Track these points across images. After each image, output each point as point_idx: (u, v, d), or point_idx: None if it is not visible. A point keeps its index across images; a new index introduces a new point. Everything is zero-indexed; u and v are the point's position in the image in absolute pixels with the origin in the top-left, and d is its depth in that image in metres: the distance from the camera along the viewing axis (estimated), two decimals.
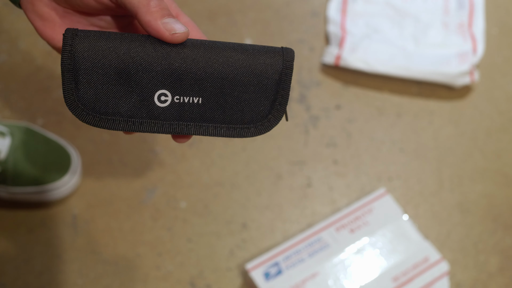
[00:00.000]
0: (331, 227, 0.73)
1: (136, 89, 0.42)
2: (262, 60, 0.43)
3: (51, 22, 0.45)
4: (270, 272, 0.70)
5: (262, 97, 0.43)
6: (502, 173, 0.83)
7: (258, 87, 0.43)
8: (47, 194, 0.73)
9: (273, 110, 0.44)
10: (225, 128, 0.44)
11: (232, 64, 0.42)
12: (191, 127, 0.43)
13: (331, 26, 0.94)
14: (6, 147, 0.72)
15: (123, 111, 0.42)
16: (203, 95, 0.43)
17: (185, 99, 0.43)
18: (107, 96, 0.42)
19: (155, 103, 0.42)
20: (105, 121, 0.42)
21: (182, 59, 0.42)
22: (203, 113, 0.43)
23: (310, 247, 0.72)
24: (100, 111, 0.42)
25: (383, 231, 0.74)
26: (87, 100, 0.42)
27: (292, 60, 0.43)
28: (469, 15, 0.96)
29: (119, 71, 0.41)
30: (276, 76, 0.43)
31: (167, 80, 0.42)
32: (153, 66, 0.42)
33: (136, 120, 0.43)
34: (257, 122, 0.44)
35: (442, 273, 0.71)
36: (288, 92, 0.44)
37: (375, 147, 0.84)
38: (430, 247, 0.73)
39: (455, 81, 0.88)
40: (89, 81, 0.42)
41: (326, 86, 0.89)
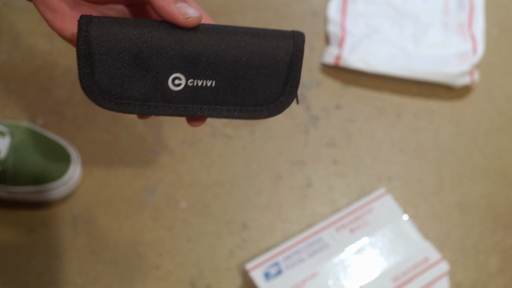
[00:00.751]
0: (331, 227, 0.73)
1: (150, 73, 0.43)
2: (274, 43, 0.44)
3: (62, 13, 0.46)
4: (270, 272, 0.70)
5: (274, 80, 0.44)
6: (502, 173, 0.83)
7: (270, 69, 0.44)
8: (47, 193, 0.73)
9: (285, 92, 0.45)
10: (238, 110, 0.45)
11: (244, 47, 0.43)
12: (205, 110, 0.44)
13: (331, 26, 0.94)
14: (6, 147, 0.72)
15: (138, 95, 0.43)
16: (216, 78, 0.43)
17: (199, 83, 0.43)
18: (122, 81, 0.43)
19: (169, 86, 0.43)
20: (121, 105, 0.43)
21: (195, 43, 0.43)
22: (216, 96, 0.44)
23: (310, 247, 0.72)
24: (116, 95, 0.43)
25: (383, 231, 0.74)
26: (102, 85, 0.43)
27: (303, 43, 0.44)
28: (469, 15, 0.96)
29: (133, 55, 0.42)
30: (288, 59, 0.44)
31: (180, 64, 0.43)
32: (167, 50, 0.42)
33: (151, 103, 0.43)
34: (269, 104, 0.45)
35: (442, 273, 0.71)
36: (299, 75, 0.44)
37: (375, 147, 0.84)
38: (430, 247, 0.73)
39: (455, 81, 0.88)
40: (104, 66, 0.42)
41: (326, 86, 0.89)
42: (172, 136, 0.83)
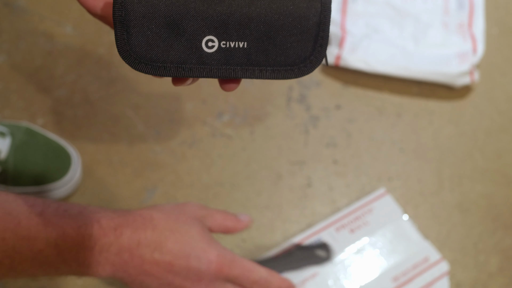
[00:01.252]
0: (331, 227, 0.74)
1: (184, 36, 0.44)
2: (302, 4, 0.45)
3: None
4: None
5: (304, 40, 0.45)
6: (502, 173, 0.84)
7: (299, 30, 0.45)
8: (47, 194, 0.73)
9: (314, 51, 0.46)
10: (270, 70, 0.46)
11: (274, 8, 0.45)
12: (238, 70, 0.45)
13: (331, 26, 0.94)
14: (6, 147, 0.72)
15: (173, 58, 0.45)
16: (248, 39, 0.45)
17: (231, 44, 0.45)
18: (157, 44, 0.44)
19: (203, 49, 0.45)
20: (157, 68, 0.45)
21: (226, 5, 0.44)
22: (248, 57, 0.45)
23: None
24: (152, 59, 0.45)
25: (383, 231, 0.74)
26: (139, 49, 0.44)
27: (330, 3, 0.46)
28: (469, 15, 0.96)
29: (168, 19, 0.44)
30: (316, 19, 0.45)
31: (213, 26, 0.44)
32: (200, 13, 0.44)
33: (186, 66, 0.45)
34: (300, 64, 0.46)
35: (442, 273, 0.71)
36: (328, 34, 0.46)
37: (375, 147, 0.84)
38: (430, 247, 0.73)
39: (455, 81, 0.88)
40: (140, 31, 0.44)
41: (326, 86, 0.89)
42: (172, 136, 0.83)
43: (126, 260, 0.53)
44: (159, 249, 0.54)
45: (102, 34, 0.90)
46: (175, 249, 0.55)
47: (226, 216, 0.63)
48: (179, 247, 0.55)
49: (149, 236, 0.55)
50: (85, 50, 0.89)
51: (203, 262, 0.55)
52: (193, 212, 0.61)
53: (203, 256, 0.56)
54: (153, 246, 0.54)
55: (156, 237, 0.55)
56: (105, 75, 0.87)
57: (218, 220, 0.62)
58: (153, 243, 0.54)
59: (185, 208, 0.61)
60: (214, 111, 0.85)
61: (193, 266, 0.55)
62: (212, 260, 0.56)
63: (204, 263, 0.55)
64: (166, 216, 0.57)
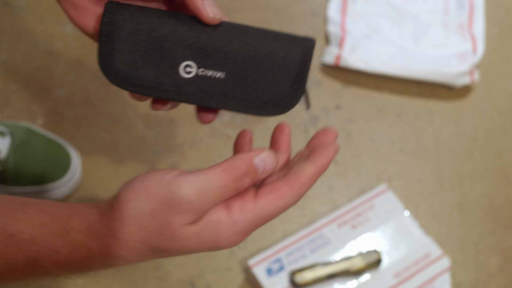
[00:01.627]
0: (333, 223, 0.74)
1: (165, 58, 0.45)
2: (285, 45, 0.46)
3: (85, 10, 0.47)
4: (273, 268, 0.70)
5: (282, 80, 0.46)
6: (502, 173, 0.83)
7: (278, 70, 0.46)
8: (47, 193, 0.73)
9: (291, 93, 0.47)
10: (244, 105, 0.47)
11: (256, 45, 0.46)
12: (212, 100, 0.46)
13: (331, 26, 0.94)
14: (6, 147, 0.72)
15: (150, 78, 0.45)
16: (226, 70, 0.46)
17: (209, 73, 0.46)
18: (138, 62, 0.45)
19: (180, 73, 0.46)
20: (133, 85, 0.45)
21: (211, 36, 0.45)
22: (224, 87, 0.46)
23: (312, 243, 0.72)
24: (130, 75, 0.45)
25: (385, 227, 0.74)
26: (119, 64, 0.45)
27: (313, 48, 0.46)
28: (469, 15, 0.96)
29: (151, 40, 0.45)
30: (296, 62, 0.46)
31: (194, 53, 0.45)
32: (183, 37, 0.45)
33: (161, 87, 0.46)
34: (275, 103, 0.47)
35: (444, 269, 0.71)
36: (306, 78, 0.46)
37: (375, 147, 0.84)
38: (432, 243, 0.73)
39: (455, 81, 0.88)
40: (123, 47, 0.45)
41: (326, 86, 0.89)
42: (172, 136, 0.83)
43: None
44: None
45: None
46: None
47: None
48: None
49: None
50: (85, 50, 0.89)
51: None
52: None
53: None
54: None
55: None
56: None
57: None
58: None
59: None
60: None
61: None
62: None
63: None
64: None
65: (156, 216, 0.41)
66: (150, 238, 0.42)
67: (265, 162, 0.44)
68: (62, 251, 0.42)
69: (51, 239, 0.42)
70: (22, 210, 0.43)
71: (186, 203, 0.41)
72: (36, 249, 0.42)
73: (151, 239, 0.42)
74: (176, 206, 0.41)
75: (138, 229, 0.42)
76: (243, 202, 0.43)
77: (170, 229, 0.41)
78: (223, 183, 0.42)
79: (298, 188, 0.45)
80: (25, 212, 0.43)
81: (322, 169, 0.46)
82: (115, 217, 0.41)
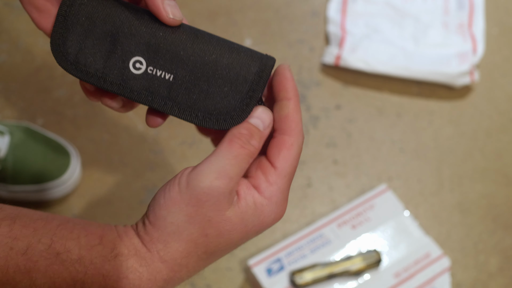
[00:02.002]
0: (332, 223, 0.74)
1: (117, 50, 0.44)
2: (242, 59, 0.45)
3: (47, 13, 0.46)
4: (272, 268, 0.70)
5: (231, 95, 0.45)
6: (502, 173, 0.83)
7: (230, 82, 0.45)
8: (46, 192, 0.73)
9: (237, 109, 0.45)
10: (188, 113, 0.45)
11: (211, 53, 0.44)
12: (157, 101, 0.45)
13: (331, 26, 0.94)
14: (5, 145, 0.72)
15: (98, 67, 0.44)
16: (176, 74, 0.44)
17: (158, 72, 0.44)
18: (88, 49, 0.44)
19: (130, 68, 0.44)
20: (80, 71, 0.44)
21: (166, 37, 0.44)
22: (171, 91, 0.45)
23: (312, 243, 0.72)
24: (78, 60, 0.44)
25: (385, 227, 0.74)
26: (70, 47, 0.44)
27: (271, 67, 0.45)
28: (469, 15, 0.96)
29: (107, 29, 0.44)
30: (251, 77, 0.45)
31: (146, 50, 0.44)
32: (138, 33, 0.44)
33: (108, 78, 0.45)
34: (219, 116, 0.45)
35: (444, 269, 0.71)
36: (257, 96, 0.45)
37: (375, 147, 0.84)
38: (432, 243, 0.73)
39: (455, 81, 0.88)
40: (77, 31, 0.44)
41: (326, 86, 0.89)
42: (172, 136, 0.83)
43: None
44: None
45: None
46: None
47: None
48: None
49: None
50: None
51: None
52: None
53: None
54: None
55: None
56: None
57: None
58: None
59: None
60: None
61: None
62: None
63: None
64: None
65: (194, 220, 0.41)
66: (197, 246, 0.42)
67: (261, 118, 0.44)
68: (110, 276, 0.41)
69: (99, 261, 0.41)
70: (69, 228, 0.42)
71: (213, 191, 0.41)
72: (84, 271, 0.40)
73: (198, 247, 0.42)
74: (206, 199, 0.41)
75: (182, 243, 0.41)
76: (266, 176, 0.43)
77: (212, 226, 0.41)
78: (234, 154, 0.42)
79: (295, 126, 0.44)
80: (72, 231, 0.42)
81: (295, 94, 0.45)
82: (156, 240, 0.41)
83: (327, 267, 0.69)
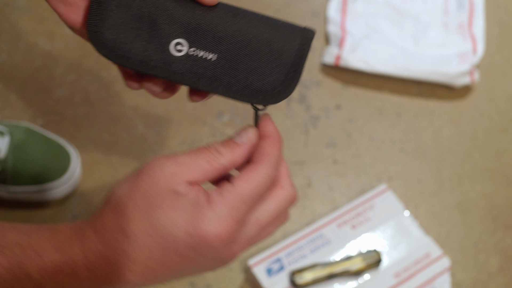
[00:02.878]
0: (332, 223, 0.74)
1: (155, 33, 0.44)
2: (283, 33, 0.44)
3: (75, 6, 0.45)
4: (273, 268, 0.70)
5: (275, 70, 0.45)
6: (502, 173, 0.83)
7: (273, 57, 0.44)
8: (47, 193, 0.73)
9: (283, 84, 0.45)
10: (234, 90, 0.45)
11: (253, 30, 0.44)
12: (201, 81, 0.44)
13: (331, 26, 0.94)
14: (5, 146, 0.72)
15: (139, 51, 0.44)
16: (219, 53, 0.44)
17: (200, 53, 0.44)
18: (127, 35, 0.44)
19: (171, 50, 0.44)
20: (121, 58, 0.44)
21: (206, 16, 0.44)
22: (215, 70, 0.44)
23: (312, 243, 0.72)
24: (118, 47, 0.44)
25: (385, 227, 0.74)
26: (108, 34, 0.44)
27: (311, 39, 0.45)
28: (469, 15, 0.96)
29: (143, 12, 0.43)
30: (293, 51, 0.45)
31: (186, 31, 0.44)
32: (176, 14, 0.43)
33: (150, 63, 0.44)
34: (266, 92, 0.45)
35: (444, 269, 0.71)
36: (302, 69, 0.45)
37: (375, 147, 0.84)
38: (432, 243, 0.73)
39: (455, 81, 0.88)
40: (113, 17, 0.43)
41: (326, 86, 0.89)
42: (172, 136, 0.83)
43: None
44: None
45: None
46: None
47: (207, 152, 0.44)
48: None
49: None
50: (85, 50, 0.89)
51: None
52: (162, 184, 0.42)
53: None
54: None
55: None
56: (105, 75, 0.87)
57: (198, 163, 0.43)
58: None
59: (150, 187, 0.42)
60: (214, 111, 0.85)
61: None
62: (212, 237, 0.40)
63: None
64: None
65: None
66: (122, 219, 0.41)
67: (247, 136, 0.44)
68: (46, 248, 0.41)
69: (39, 243, 0.41)
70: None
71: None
72: (22, 253, 0.40)
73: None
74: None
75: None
76: (220, 187, 0.42)
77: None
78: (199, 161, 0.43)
79: (267, 158, 0.43)
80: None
81: (275, 134, 0.45)
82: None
83: (327, 267, 0.69)
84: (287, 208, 0.44)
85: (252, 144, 0.44)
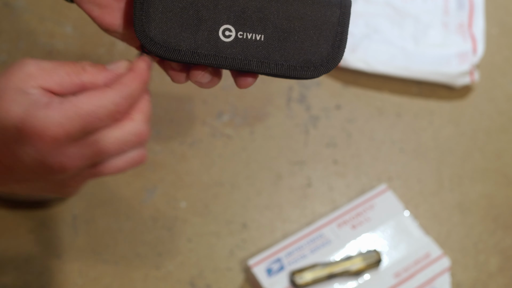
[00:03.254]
0: (332, 223, 0.74)
1: (202, 22, 0.45)
2: (323, 7, 0.46)
3: (109, 8, 0.46)
4: (273, 268, 0.70)
5: (321, 41, 0.46)
6: (502, 173, 0.84)
7: (318, 31, 0.46)
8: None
9: (331, 53, 0.47)
10: (286, 66, 0.46)
11: (296, 7, 0.46)
12: (253, 63, 0.46)
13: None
14: None
15: (189, 43, 0.45)
16: (266, 32, 0.45)
17: (248, 36, 0.45)
18: (174, 28, 0.45)
19: (220, 37, 0.45)
20: (172, 51, 0.45)
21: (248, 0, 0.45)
22: (265, 50, 0.46)
23: (312, 243, 0.72)
24: (168, 41, 0.45)
25: (385, 227, 0.74)
26: (155, 31, 0.45)
27: (349, 7, 0.47)
28: (469, 15, 0.96)
29: (187, 4, 0.45)
30: (335, 21, 0.46)
31: (232, 15, 0.45)
32: (221, 2, 0.45)
33: (201, 52, 0.45)
34: (316, 64, 0.46)
35: (444, 269, 0.71)
36: (346, 36, 0.46)
37: (375, 147, 0.84)
38: (432, 243, 0.73)
39: (455, 81, 0.88)
40: (158, 12, 0.44)
41: (326, 86, 0.89)
42: (172, 136, 0.83)
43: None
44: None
45: (102, 34, 0.89)
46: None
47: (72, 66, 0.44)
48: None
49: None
50: (85, 50, 0.89)
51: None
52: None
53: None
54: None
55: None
56: None
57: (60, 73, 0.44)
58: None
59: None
60: (214, 111, 0.85)
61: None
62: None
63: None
64: None
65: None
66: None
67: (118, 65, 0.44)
68: None
69: None
70: None
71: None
72: None
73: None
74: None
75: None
76: (64, 98, 0.40)
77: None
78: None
79: (121, 81, 0.42)
80: None
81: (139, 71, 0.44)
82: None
83: (327, 267, 0.69)
84: (135, 143, 0.42)
85: (118, 74, 0.43)
